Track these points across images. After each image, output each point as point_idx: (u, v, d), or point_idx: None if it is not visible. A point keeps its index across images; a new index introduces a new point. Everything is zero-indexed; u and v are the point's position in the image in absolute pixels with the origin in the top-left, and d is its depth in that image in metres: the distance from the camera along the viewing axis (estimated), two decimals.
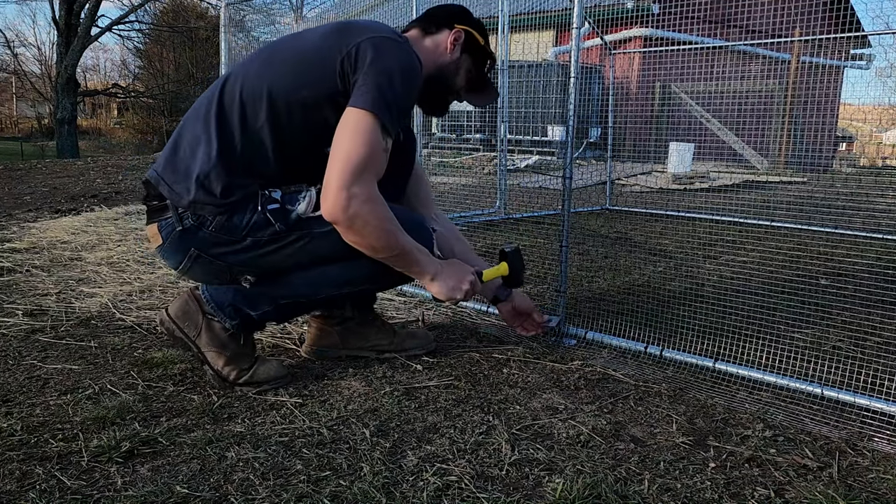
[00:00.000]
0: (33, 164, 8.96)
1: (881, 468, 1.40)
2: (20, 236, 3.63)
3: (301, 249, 1.69)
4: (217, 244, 1.66)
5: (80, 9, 17.54)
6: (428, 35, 1.84)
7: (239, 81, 1.66)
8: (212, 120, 1.65)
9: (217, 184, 1.62)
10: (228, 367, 1.70)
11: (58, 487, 1.25)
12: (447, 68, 1.84)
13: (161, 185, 1.66)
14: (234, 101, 1.64)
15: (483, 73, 1.91)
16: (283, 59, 1.67)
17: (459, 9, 1.88)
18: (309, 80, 1.62)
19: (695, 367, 1.94)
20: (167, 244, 1.68)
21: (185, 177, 1.64)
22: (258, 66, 1.68)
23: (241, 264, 1.71)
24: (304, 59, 1.64)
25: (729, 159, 8.38)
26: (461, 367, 1.91)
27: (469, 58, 1.86)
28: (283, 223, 1.66)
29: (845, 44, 7.28)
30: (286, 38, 1.76)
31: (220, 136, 1.63)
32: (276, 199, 1.66)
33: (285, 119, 1.63)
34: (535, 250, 3.51)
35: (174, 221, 1.65)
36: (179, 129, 1.73)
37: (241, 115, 1.64)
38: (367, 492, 1.26)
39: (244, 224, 1.64)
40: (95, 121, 32.42)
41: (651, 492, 1.29)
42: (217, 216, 1.63)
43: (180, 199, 1.63)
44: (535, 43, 11.47)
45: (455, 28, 1.83)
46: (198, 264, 1.70)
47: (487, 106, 6.74)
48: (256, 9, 4.87)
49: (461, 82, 1.87)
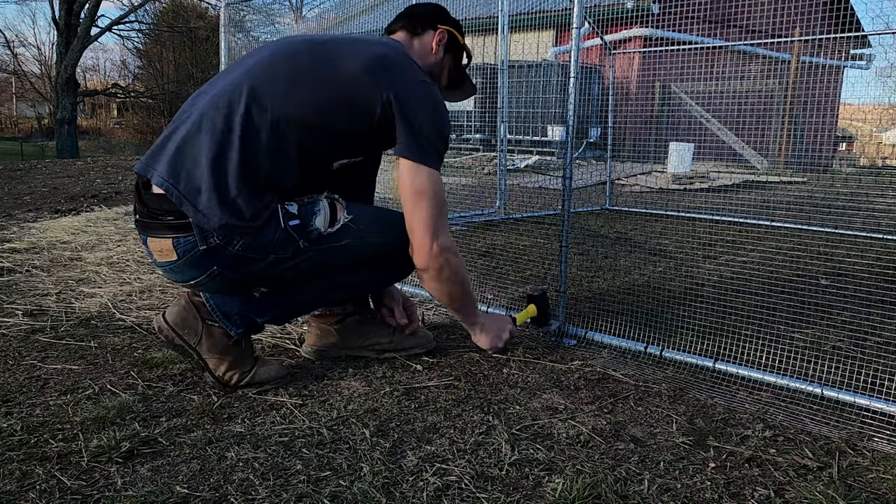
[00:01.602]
0: (33, 165, 8.96)
1: (881, 468, 1.40)
2: (20, 236, 3.63)
3: (319, 263, 1.72)
4: (242, 262, 1.64)
5: (79, 9, 17.55)
6: (415, 37, 1.89)
7: (268, 102, 1.60)
8: (235, 137, 1.58)
9: (246, 207, 1.58)
10: (231, 372, 1.70)
11: (58, 487, 1.25)
12: (433, 69, 1.91)
13: (184, 205, 1.56)
14: (265, 124, 1.60)
15: (462, 69, 1.99)
16: (312, 83, 1.64)
17: (439, 8, 1.95)
18: (342, 112, 1.66)
19: (695, 367, 1.94)
20: (183, 261, 1.62)
21: (209, 197, 1.56)
22: (286, 86, 1.63)
23: (260, 279, 1.72)
24: (338, 90, 1.65)
25: (729, 159, 8.39)
26: (461, 367, 1.91)
27: (450, 57, 1.94)
28: (306, 240, 1.67)
29: (845, 44, 7.28)
30: (311, 49, 1.70)
31: (247, 155, 1.59)
32: (294, 213, 1.66)
33: (313, 144, 1.67)
34: (535, 250, 3.51)
35: (197, 241, 1.58)
36: (185, 138, 1.61)
37: (273, 139, 1.60)
38: (367, 492, 1.26)
39: (269, 242, 1.63)
40: (95, 121, 32.44)
41: (651, 492, 1.29)
42: (245, 237, 1.61)
43: (208, 222, 1.56)
44: (535, 43, 11.47)
45: (439, 28, 1.89)
46: (214, 280, 1.67)
47: (487, 106, 6.75)
48: (256, 9, 4.86)
49: (444, 81, 1.96)
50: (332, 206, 1.72)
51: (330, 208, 1.71)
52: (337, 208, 1.72)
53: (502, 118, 4.74)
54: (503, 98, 4.68)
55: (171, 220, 1.60)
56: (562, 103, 9.22)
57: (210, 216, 1.56)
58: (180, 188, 1.57)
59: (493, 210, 4.84)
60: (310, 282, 1.77)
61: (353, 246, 1.73)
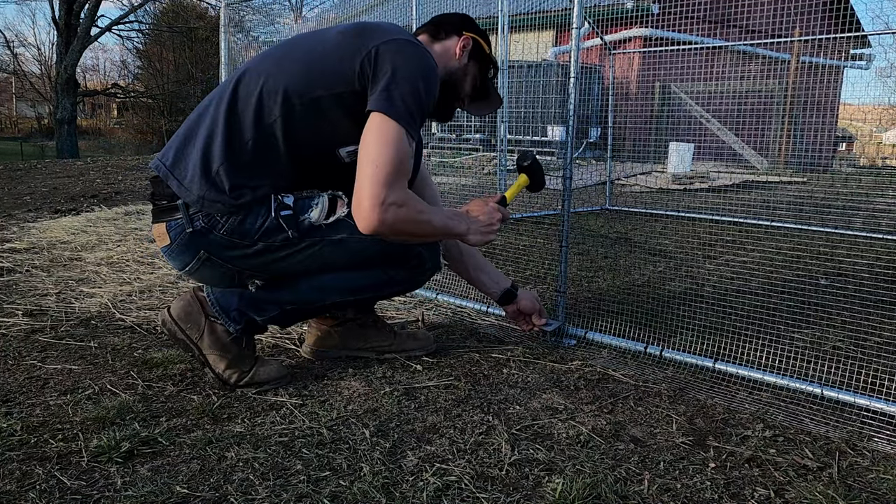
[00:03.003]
0: (33, 165, 8.96)
1: (881, 468, 1.40)
2: (20, 236, 3.63)
3: (312, 256, 1.70)
4: (228, 247, 1.66)
5: (79, 9, 17.55)
6: (437, 41, 1.85)
7: (255, 78, 1.64)
8: (222, 115, 1.63)
9: (227, 180, 1.61)
10: (230, 371, 1.70)
11: (58, 487, 1.25)
12: (455, 74, 1.85)
13: (170, 180, 1.63)
14: (249, 98, 1.63)
15: (487, 80, 1.93)
16: (299, 56, 1.66)
17: (466, 17, 1.90)
18: (326, 79, 1.61)
19: (695, 367, 1.94)
20: (175, 245, 1.67)
21: (194, 171, 1.62)
22: (274, 63, 1.66)
23: (250, 268, 1.72)
24: (322, 58, 1.63)
25: (729, 159, 8.38)
26: (461, 367, 1.91)
27: (475, 65, 1.87)
28: (296, 230, 1.66)
29: (845, 44, 7.28)
30: (304, 36, 1.75)
31: (232, 131, 1.62)
32: (288, 204, 1.66)
33: (299, 116, 1.63)
34: (535, 250, 3.51)
35: (184, 223, 1.63)
36: (189, 124, 1.70)
37: (256, 111, 1.62)
38: (367, 492, 1.26)
39: (256, 228, 1.64)
40: (95, 121, 32.45)
41: (651, 492, 1.29)
42: (228, 218, 1.62)
43: (189, 195, 1.61)
44: (535, 43, 11.47)
45: (463, 35, 1.85)
46: (206, 266, 1.69)
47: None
48: (256, 9, 4.86)
49: (468, 89, 1.88)
50: (333, 201, 1.70)
51: (329, 203, 1.69)
52: (338, 203, 1.70)
53: (502, 118, 4.74)
54: (503, 98, 4.68)
55: (165, 204, 1.67)
56: (562, 103, 9.22)
57: (191, 189, 1.62)
58: (167, 164, 1.66)
59: None
60: (304, 278, 1.74)
61: (351, 242, 1.70)
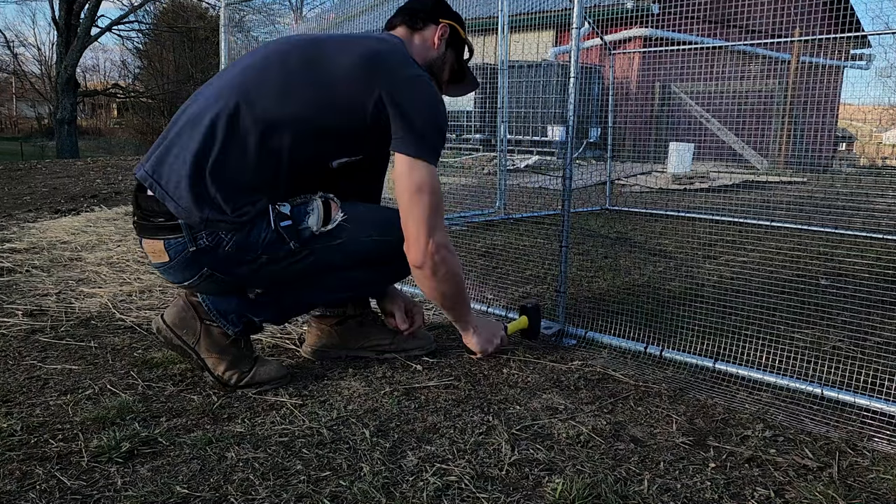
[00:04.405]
0: (33, 165, 8.96)
1: (881, 468, 1.40)
2: (20, 236, 3.63)
3: (312, 263, 1.71)
4: (234, 263, 1.65)
5: (79, 9, 17.56)
6: (416, 32, 1.86)
7: (256, 103, 1.60)
8: (220, 135, 1.58)
9: (228, 202, 1.59)
10: (230, 372, 1.70)
11: (58, 487, 1.25)
12: (435, 64, 1.87)
13: (168, 201, 1.58)
14: (254, 124, 1.59)
15: (463, 63, 1.97)
16: (307, 85, 1.63)
17: (440, 1, 1.90)
18: (335, 112, 1.64)
19: (695, 367, 1.94)
20: (175, 262, 1.64)
21: (189, 192, 1.57)
22: (277, 87, 1.62)
23: (253, 280, 1.73)
24: (331, 88, 1.63)
25: (729, 159, 8.38)
26: (461, 367, 1.91)
27: (452, 51, 1.91)
28: (297, 240, 1.67)
29: (845, 44, 7.28)
30: (302, 49, 1.69)
31: (234, 154, 1.59)
32: (286, 214, 1.66)
33: (305, 141, 1.64)
34: (535, 250, 3.51)
35: (187, 242, 1.60)
36: (173, 138, 1.64)
37: (260, 138, 1.60)
38: (367, 492, 1.26)
39: (260, 242, 1.64)
40: (95, 121, 32.43)
41: (651, 492, 1.29)
42: (234, 235, 1.61)
43: (191, 217, 1.58)
44: (535, 43, 11.47)
45: (440, 23, 1.86)
46: (208, 281, 1.68)
47: (487, 106, 6.75)
48: (256, 9, 4.87)
49: (446, 76, 1.92)
50: (327, 205, 1.71)
51: (324, 207, 1.70)
52: (331, 207, 1.71)
53: (502, 118, 4.74)
54: (503, 98, 4.68)
55: (162, 222, 1.62)
56: (562, 103, 9.22)
57: (191, 210, 1.58)
58: (161, 183, 1.60)
59: (493, 210, 4.84)
60: (306, 281, 1.76)
61: (349, 245, 1.72)
